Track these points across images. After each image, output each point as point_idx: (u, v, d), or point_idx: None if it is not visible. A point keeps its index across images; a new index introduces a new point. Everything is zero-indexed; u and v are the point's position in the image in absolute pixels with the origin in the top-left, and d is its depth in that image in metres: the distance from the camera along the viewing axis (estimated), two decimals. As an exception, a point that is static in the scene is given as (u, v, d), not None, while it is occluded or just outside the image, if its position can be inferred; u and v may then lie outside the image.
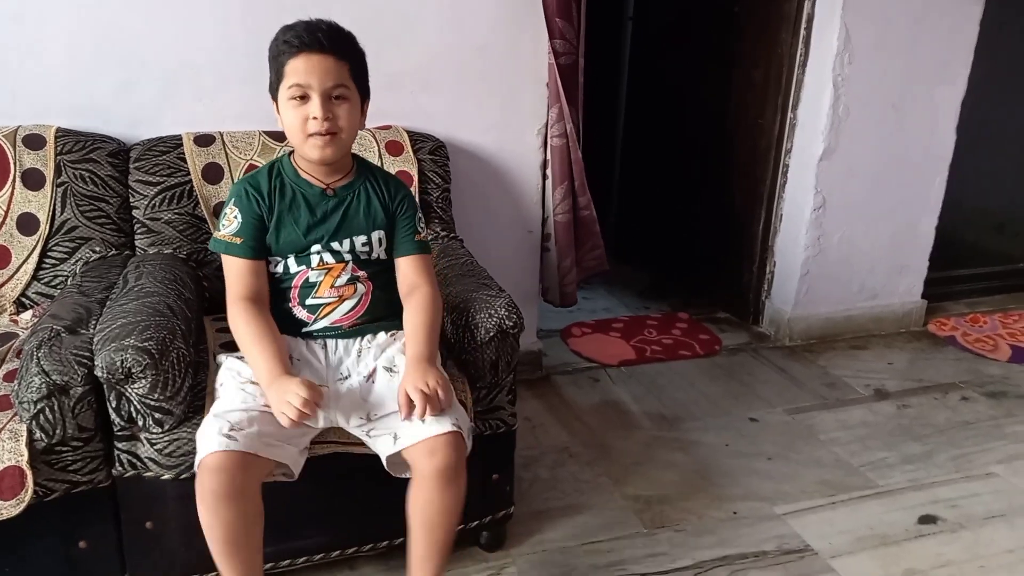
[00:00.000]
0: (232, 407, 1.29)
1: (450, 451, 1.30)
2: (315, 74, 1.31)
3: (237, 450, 1.22)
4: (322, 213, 1.42)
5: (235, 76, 1.94)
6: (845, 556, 1.74)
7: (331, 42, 1.32)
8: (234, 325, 1.36)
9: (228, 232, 1.39)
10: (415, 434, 1.31)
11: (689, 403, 2.40)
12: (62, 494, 1.35)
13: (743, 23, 2.87)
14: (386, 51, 2.06)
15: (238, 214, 1.39)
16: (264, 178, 1.42)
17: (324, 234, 1.42)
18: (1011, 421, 2.34)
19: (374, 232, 1.45)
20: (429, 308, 1.43)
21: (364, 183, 1.46)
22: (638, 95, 3.64)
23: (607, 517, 1.85)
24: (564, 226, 2.33)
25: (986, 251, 3.36)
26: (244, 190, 1.41)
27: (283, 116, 1.36)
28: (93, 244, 1.73)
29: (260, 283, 1.40)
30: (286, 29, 1.33)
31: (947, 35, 2.65)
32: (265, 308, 1.39)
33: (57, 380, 1.28)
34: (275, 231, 1.40)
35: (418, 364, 1.34)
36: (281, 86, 1.33)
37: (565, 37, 2.12)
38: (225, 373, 1.38)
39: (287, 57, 1.31)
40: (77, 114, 1.84)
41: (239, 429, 1.25)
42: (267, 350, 1.31)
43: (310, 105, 1.32)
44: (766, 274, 2.92)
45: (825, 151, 2.64)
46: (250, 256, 1.39)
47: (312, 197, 1.42)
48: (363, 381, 1.41)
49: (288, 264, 1.42)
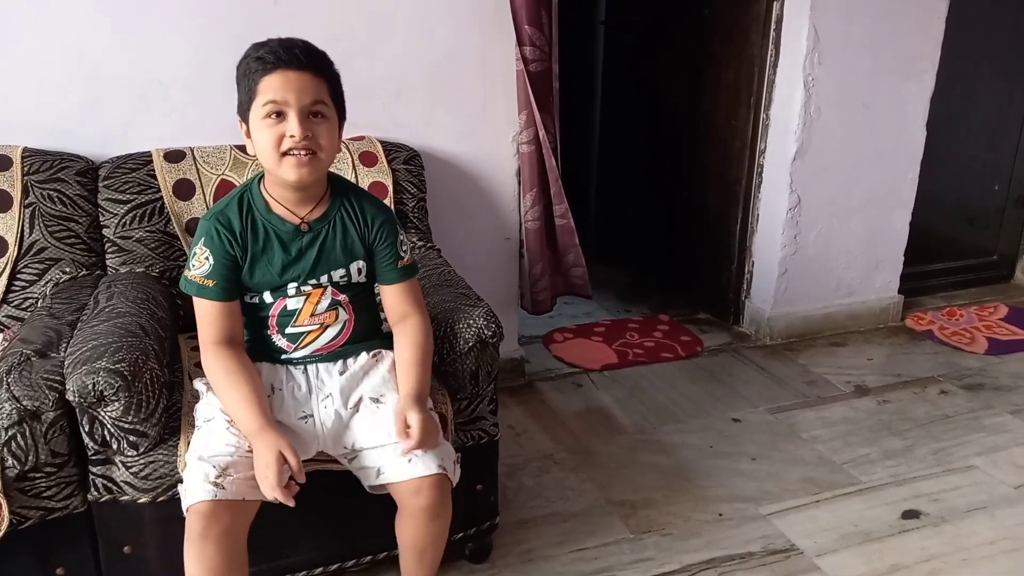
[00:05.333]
0: (218, 451, 1.25)
1: (434, 492, 1.30)
2: (292, 90, 1.23)
3: (226, 499, 1.21)
4: (296, 251, 1.35)
5: (205, 91, 1.92)
6: (830, 554, 1.74)
7: (308, 58, 1.25)
8: (209, 371, 1.32)
9: (199, 273, 1.31)
10: (400, 472, 1.30)
11: (672, 405, 2.41)
12: (37, 521, 1.33)
13: (713, 25, 2.89)
14: (356, 62, 2.05)
15: (209, 255, 1.31)
16: (235, 214, 1.33)
17: (300, 273, 1.36)
18: (989, 413, 2.36)
19: (352, 264, 1.38)
20: (420, 341, 1.39)
21: (340, 211, 1.38)
22: (613, 98, 3.65)
23: (593, 523, 1.84)
24: (535, 233, 2.32)
25: (959, 244, 3.39)
26: (215, 229, 1.32)
27: (255, 137, 1.27)
28: (63, 265, 1.71)
29: (234, 323, 1.34)
30: (258, 46, 1.26)
31: (914, 32, 2.69)
32: (240, 348, 1.35)
33: (28, 405, 1.26)
34: (249, 271, 1.34)
35: (407, 403, 1.32)
36: (254, 105, 1.25)
37: (535, 44, 2.12)
38: (211, 407, 1.33)
39: (261, 75, 1.23)
40: (44, 133, 1.81)
41: (227, 475, 1.22)
42: (246, 398, 1.27)
43: (287, 123, 1.24)
44: (745, 274, 2.93)
45: (798, 150, 2.66)
46: (223, 299, 1.32)
47: (285, 235, 1.34)
48: (347, 411, 1.37)
49: (264, 296, 1.37)
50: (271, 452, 1.21)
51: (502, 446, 1.70)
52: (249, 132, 1.29)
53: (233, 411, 1.29)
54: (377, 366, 1.42)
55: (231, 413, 1.29)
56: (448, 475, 1.33)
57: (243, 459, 1.26)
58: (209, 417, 1.32)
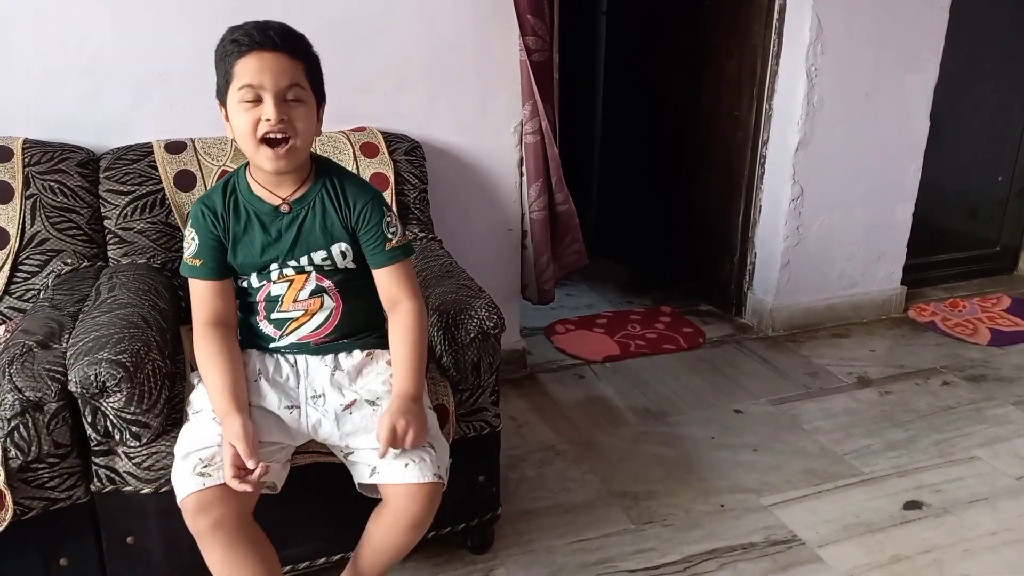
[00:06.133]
0: (203, 444, 1.25)
1: (426, 503, 1.29)
2: (268, 73, 1.22)
3: (213, 485, 1.21)
4: (276, 232, 1.34)
5: (205, 82, 1.87)
6: (832, 545, 1.74)
7: (284, 40, 1.24)
8: (196, 351, 1.33)
9: (188, 255, 1.34)
10: (395, 475, 1.29)
11: (674, 397, 2.41)
12: (40, 512, 1.33)
13: (716, 16, 2.88)
14: (357, 52, 2.04)
15: (195, 235, 1.34)
16: (219, 196, 1.35)
17: (279, 253, 1.35)
18: (991, 404, 2.36)
19: (334, 246, 1.36)
20: (412, 332, 1.36)
21: (321, 193, 1.36)
22: (615, 90, 3.63)
23: (595, 515, 1.84)
24: (540, 223, 2.32)
25: (962, 236, 3.38)
26: (200, 211, 1.35)
27: (233, 121, 1.26)
28: (65, 256, 1.70)
29: (225, 304, 1.35)
30: (234, 29, 1.25)
31: (917, 23, 2.67)
32: (230, 331, 1.35)
33: (30, 396, 1.26)
34: (232, 251, 1.35)
35: (400, 401, 1.31)
36: (230, 88, 1.24)
37: (537, 34, 2.12)
38: (201, 397, 1.33)
39: (236, 57, 1.22)
40: (45, 124, 1.81)
41: (212, 463, 1.22)
42: (220, 382, 1.27)
43: (263, 107, 1.23)
44: (747, 265, 2.93)
45: (801, 141, 2.65)
46: (211, 277, 1.34)
47: (265, 215, 1.34)
48: (340, 410, 1.35)
49: (251, 280, 1.38)
50: (225, 440, 1.22)
51: (504, 437, 1.70)
52: (228, 116, 1.29)
53: (209, 394, 1.30)
54: (371, 364, 1.40)
55: (208, 396, 1.30)
56: (443, 482, 1.31)
57: None
58: (198, 408, 1.32)
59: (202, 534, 1.22)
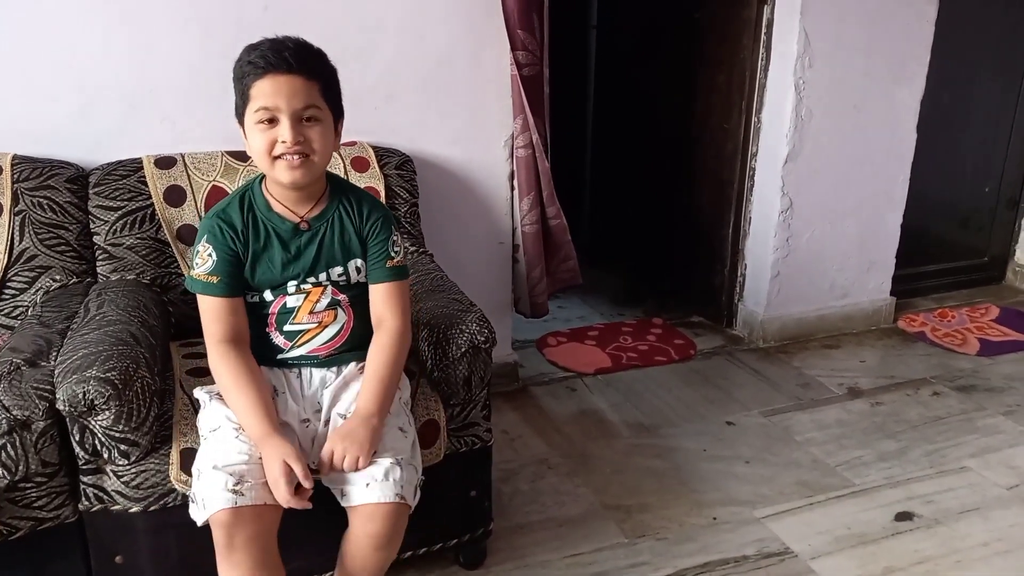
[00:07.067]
0: (233, 460, 1.23)
1: (388, 522, 1.27)
2: (283, 96, 1.23)
3: (247, 505, 1.20)
4: (296, 249, 1.36)
5: (196, 96, 1.91)
6: (824, 557, 1.74)
7: (299, 61, 1.24)
8: (216, 371, 1.31)
9: (203, 271, 1.32)
10: (358, 496, 1.27)
11: (666, 409, 2.41)
12: (28, 532, 1.32)
13: (705, 29, 2.90)
14: (348, 66, 2.01)
15: (212, 251, 1.32)
16: (236, 212, 1.34)
17: (300, 271, 1.36)
18: (981, 415, 2.37)
19: (350, 262, 1.39)
20: (388, 350, 1.36)
21: (338, 209, 1.38)
22: (606, 102, 3.65)
23: (588, 528, 1.84)
24: (533, 237, 2.33)
25: (951, 246, 3.40)
26: (218, 227, 1.33)
27: (250, 140, 1.28)
28: (53, 273, 1.70)
29: (239, 320, 1.34)
30: (250, 49, 1.26)
31: (903, 36, 2.70)
32: (246, 348, 1.34)
33: (18, 415, 1.25)
34: (251, 269, 1.35)
35: (353, 420, 1.30)
36: (247, 109, 1.26)
37: (527, 48, 2.13)
38: (216, 415, 1.31)
39: (252, 79, 1.23)
40: (34, 140, 1.80)
41: (245, 482, 1.21)
42: (253, 404, 1.26)
43: (279, 128, 1.24)
44: (738, 276, 2.94)
45: (790, 153, 2.66)
46: (228, 294, 1.33)
47: (285, 233, 1.35)
48: (321, 427, 1.35)
49: (264, 295, 1.38)
50: (276, 462, 1.21)
51: (496, 451, 1.70)
52: (246, 134, 1.30)
53: (240, 416, 1.28)
54: (357, 379, 1.40)
55: (238, 416, 1.28)
56: (407, 503, 1.29)
57: (256, 465, 1.24)
58: (215, 426, 1.30)
59: (231, 550, 1.20)
